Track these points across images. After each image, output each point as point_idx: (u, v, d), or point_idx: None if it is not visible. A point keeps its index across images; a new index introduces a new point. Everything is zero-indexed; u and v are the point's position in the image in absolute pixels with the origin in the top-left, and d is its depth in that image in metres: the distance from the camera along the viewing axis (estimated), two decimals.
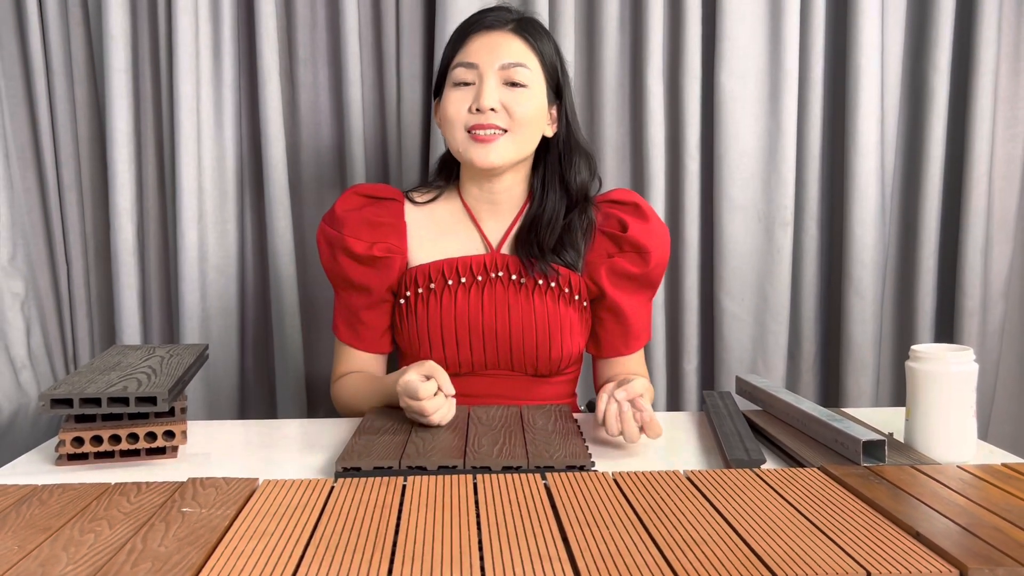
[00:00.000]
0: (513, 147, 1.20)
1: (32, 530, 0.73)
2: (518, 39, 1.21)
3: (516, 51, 1.20)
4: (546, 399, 1.28)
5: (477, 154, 1.19)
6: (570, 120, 1.27)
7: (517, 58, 1.20)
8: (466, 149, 1.20)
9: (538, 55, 1.22)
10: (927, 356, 0.94)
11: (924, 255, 1.69)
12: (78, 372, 1.02)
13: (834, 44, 1.69)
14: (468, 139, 1.19)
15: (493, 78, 1.19)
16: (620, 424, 0.99)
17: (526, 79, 1.20)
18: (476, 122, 1.18)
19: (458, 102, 1.20)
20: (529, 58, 1.21)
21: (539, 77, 1.22)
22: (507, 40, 1.21)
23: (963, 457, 0.94)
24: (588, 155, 1.28)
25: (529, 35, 1.22)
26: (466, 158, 1.21)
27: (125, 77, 1.59)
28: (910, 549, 0.67)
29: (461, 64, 1.20)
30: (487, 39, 1.21)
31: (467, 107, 1.19)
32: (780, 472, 0.87)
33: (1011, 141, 1.71)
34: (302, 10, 1.65)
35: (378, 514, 0.75)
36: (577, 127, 1.28)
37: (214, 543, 0.69)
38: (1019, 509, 0.75)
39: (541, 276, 1.23)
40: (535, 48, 1.22)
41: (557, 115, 1.27)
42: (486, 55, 1.19)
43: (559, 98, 1.27)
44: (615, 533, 0.71)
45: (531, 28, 1.23)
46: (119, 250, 1.62)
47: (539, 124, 1.23)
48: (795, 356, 1.74)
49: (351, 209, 1.25)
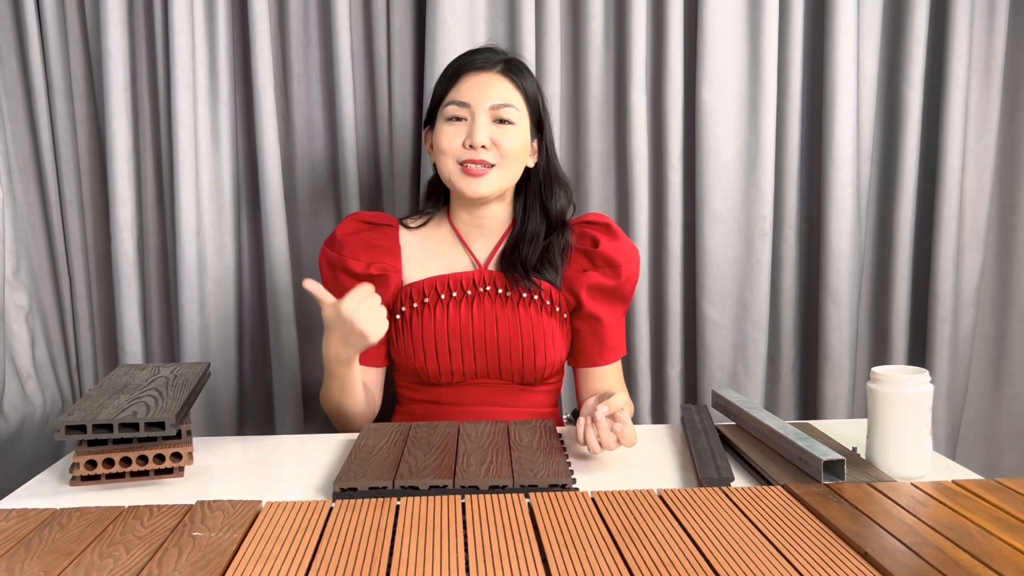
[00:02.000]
0: (500, 179, 1.31)
1: (55, 555, 0.79)
2: (506, 80, 1.33)
3: (504, 92, 1.31)
4: (531, 406, 1.36)
5: (468, 186, 1.30)
6: (549, 152, 1.39)
7: (505, 99, 1.31)
8: (458, 180, 1.31)
9: (523, 94, 1.33)
10: (885, 378, 1.01)
11: (898, 263, 1.76)
12: (88, 396, 1.08)
13: (811, 60, 1.74)
14: (460, 171, 1.30)
15: (484, 116, 1.29)
16: (598, 443, 1.06)
17: (513, 117, 1.31)
18: (468, 157, 1.29)
19: (451, 136, 1.30)
20: (516, 98, 1.32)
21: (524, 115, 1.33)
22: (496, 81, 1.32)
23: (918, 472, 1.00)
24: (565, 184, 1.40)
25: (515, 76, 1.33)
26: (457, 188, 1.32)
27: (124, 95, 1.64)
28: (857, 568, 0.73)
29: (454, 102, 1.31)
30: (478, 79, 1.31)
31: (460, 142, 1.30)
32: (747, 491, 0.93)
33: (982, 152, 1.78)
34: (296, 28, 1.70)
35: (374, 536, 0.82)
36: (555, 159, 1.40)
37: (224, 567, 0.76)
38: (960, 527, 0.82)
39: (525, 290, 1.33)
40: (520, 88, 1.33)
41: (538, 148, 1.38)
42: (478, 94, 1.30)
43: (540, 132, 1.38)
44: (590, 554, 0.77)
45: (516, 69, 1.34)
46: (120, 263, 1.67)
47: (523, 157, 1.34)
48: (774, 362, 1.81)
49: (350, 233, 1.36)
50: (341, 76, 1.66)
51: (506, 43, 1.67)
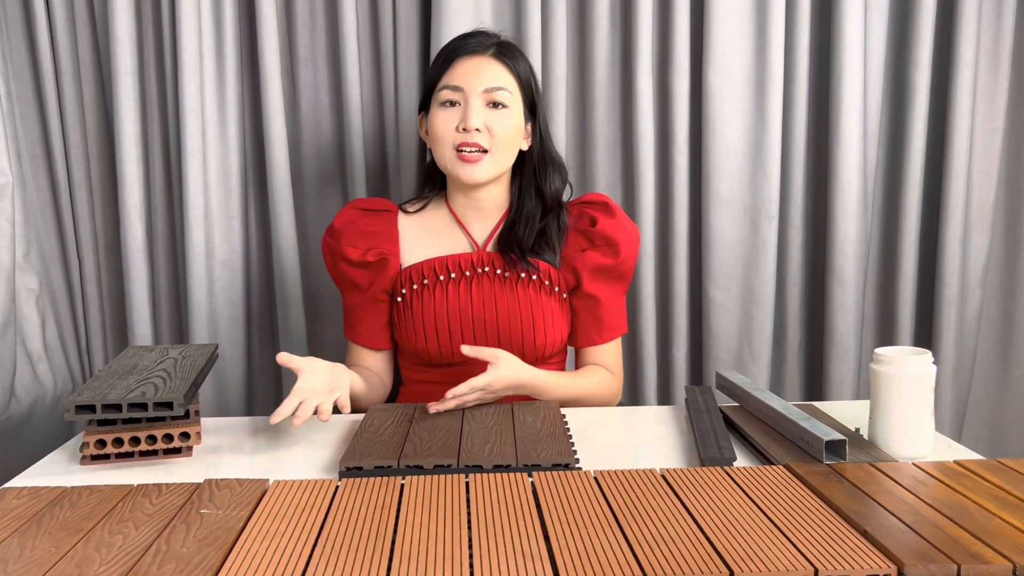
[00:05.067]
0: (494, 164, 1.32)
1: (65, 531, 0.80)
2: (499, 63, 1.33)
3: (497, 75, 1.32)
4: None
5: (464, 172, 1.31)
6: (543, 135, 1.39)
7: (498, 82, 1.31)
8: (454, 166, 1.32)
9: (516, 77, 1.34)
10: (888, 359, 1.01)
11: (905, 246, 1.75)
12: (98, 376, 1.09)
13: (818, 42, 1.74)
14: (455, 158, 1.31)
15: (477, 100, 1.30)
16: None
17: (506, 100, 1.31)
18: (462, 140, 1.30)
19: (446, 121, 1.31)
20: (509, 81, 1.33)
21: (517, 98, 1.33)
22: (489, 64, 1.32)
23: (920, 453, 1.01)
24: (560, 166, 1.41)
25: (508, 59, 1.34)
26: (453, 174, 1.33)
27: (131, 79, 1.65)
28: (856, 546, 0.74)
29: (447, 87, 1.31)
30: (471, 63, 1.32)
31: (454, 126, 1.30)
32: (748, 471, 0.94)
33: (989, 135, 1.77)
34: (302, 11, 1.70)
35: (379, 514, 0.83)
36: (550, 141, 1.41)
37: (231, 543, 0.77)
38: (960, 506, 0.83)
39: (523, 270, 1.34)
40: (513, 71, 1.34)
41: (532, 131, 1.38)
42: (471, 78, 1.30)
43: (533, 115, 1.38)
44: (592, 531, 0.78)
45: (509, 52, 1.35)
46: (129, 246, 1.68)
47: (516, 141, 1.35)
48: (780, 344, 1.81)
49: (348, 222, 1.37)
50: (347, 60, 1.66)
51: (512, 25, 1.67)
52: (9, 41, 1.67)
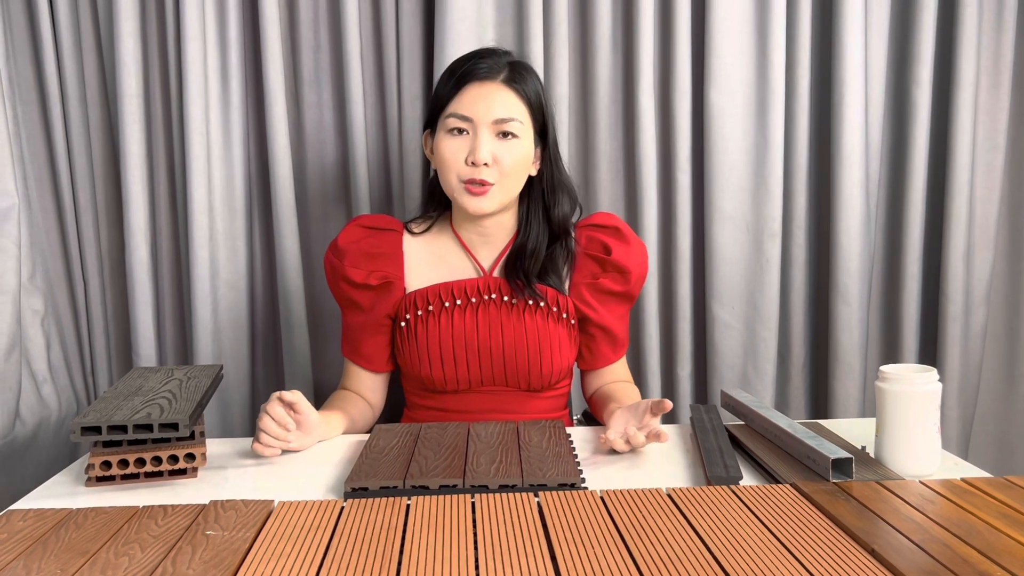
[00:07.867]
0: (501, 194, 1.29)
1: (71, 553, 0.80)
2: (509, 91, 1.28)
3: (508, 105, 1.28)
4: (540, 412, 1.36)
5: (471, 204, 1.28)
6: (554, 160, 1.35)
7: (508, 112, 1.27)
8: (460, 197, 1.29)
9: (527, 104, 1.30)
10: (894, 377, 1.01)
11: (908, 262, 1.76)
12: (103, 398, 1.09)
13: (819, 60, 1.75)
14: (463, 189, 1.28)
15: (486, 132, 1.26)
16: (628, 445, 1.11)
17: (516, 130, 1.28)
18: (470, 176, 1.26)
19: (454, 151, 1.27)
20: (519, 110, 1.28)
21: (527, 127, 1.30)
22: (499, 93, 1.28)
23: (927, 471, 1.01)
24: (570, 190, 1.38)
25: (519, 84, 1.29)
26: (460, 203, 1.30)
27: (137, 102, 1.66)
28: (864, 565, 0.74)
29: (456, 115, 1.27)
30: (481, 91, 1.27)
31: (463, 157, 1.27)
32: (755, 489, 0.94)
33: (991, 151, 1.77)
34: (306, 33, 1.72)
35: (385, 535, 0.83)
36: (560, 165, 1.37)
37: (236, 565, 0.77)
38: (968, 524, 0.82)
39: (531, 297, 1.32)
40: (524, 97, 1.29)
41: (542, 155, 1.35)
42: (481, 110, 1.26)
43: (544, 139, 1.34)
44: (599, 552, 0.78)
45: (520, 77, 1.30)
46: (134, 267, 1.69)
47: (524, 169, 1.31)
48: (784, 362, 1.81)
49: (352, 241, 1.35)
50: (351, 80, 1.68)
51: (514, 46, 1.68)
52: (16, 65, 1.68)
